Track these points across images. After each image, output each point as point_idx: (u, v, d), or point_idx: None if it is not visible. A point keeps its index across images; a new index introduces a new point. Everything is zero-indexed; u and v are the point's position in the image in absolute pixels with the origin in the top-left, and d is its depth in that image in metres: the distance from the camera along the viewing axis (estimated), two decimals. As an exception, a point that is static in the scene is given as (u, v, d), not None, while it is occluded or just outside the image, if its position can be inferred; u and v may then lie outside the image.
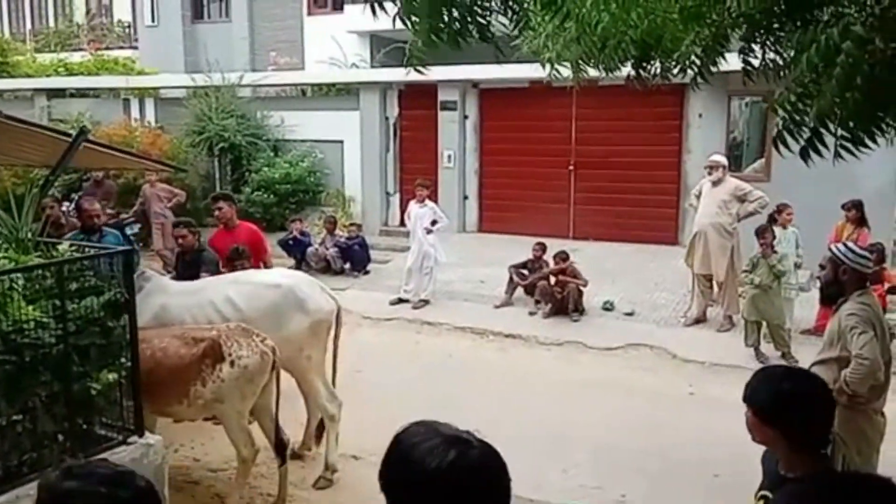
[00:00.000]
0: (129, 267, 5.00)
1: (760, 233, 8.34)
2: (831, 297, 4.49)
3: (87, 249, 5.26)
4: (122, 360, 4.88)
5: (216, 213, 7.62)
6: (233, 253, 6.95)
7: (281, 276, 6.27)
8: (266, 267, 7.41)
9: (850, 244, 4.50)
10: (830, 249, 4.50)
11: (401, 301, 10.61)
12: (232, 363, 5.08)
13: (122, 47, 21.25)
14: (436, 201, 11.55)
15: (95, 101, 16.57)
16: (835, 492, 1.61)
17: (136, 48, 20.63)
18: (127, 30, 22.15)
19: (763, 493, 2.55)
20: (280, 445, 5.42)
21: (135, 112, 16.22)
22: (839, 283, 4.34)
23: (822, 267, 4.58)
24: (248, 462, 5.28)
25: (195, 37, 19.25)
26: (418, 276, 10.60)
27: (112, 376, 4.72)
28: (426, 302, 10.53)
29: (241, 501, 5.41)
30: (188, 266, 7.09)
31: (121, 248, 5.45)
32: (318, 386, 5.95)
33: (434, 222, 10.57)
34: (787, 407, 2.37)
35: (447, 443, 1.41)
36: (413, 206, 10.81)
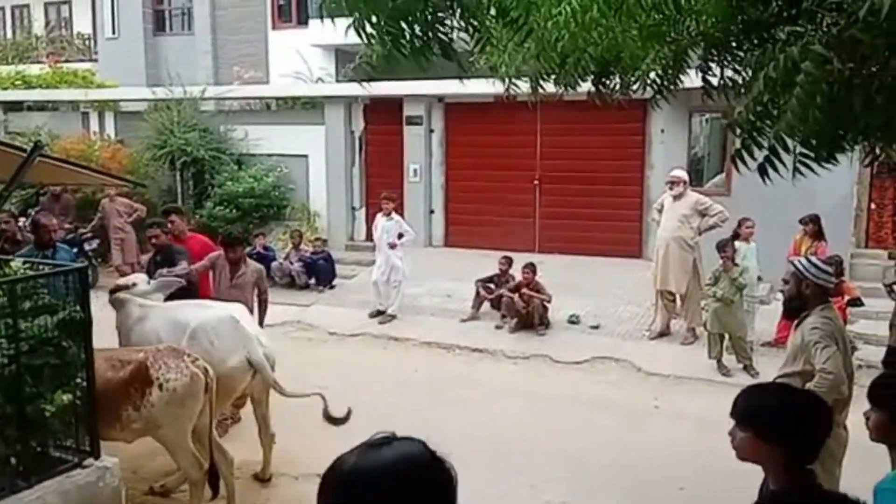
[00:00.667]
0: (84, 285, 4.89)
1: (722, 247, 8.44)
2: (794, 311, 4.53)
3: (41, 267, 5.14)
4: (78, 380, 4.77)
5: (169, 226, 7.61)
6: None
7: (199, 315, 5.81)
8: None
9: (813, 259, 4.55)
10: (793, 264, 4.55)
11: (380, 313, 10.52)
12: (160, 386, 4.91)
13: (81, 60, 20.89)
14: (402, 215, 11.53)
15: (54, 115, 16.29)
16: None
17: (95, 61, 20.30)
18: (87, 42, 21.81)
19: None
20: (213, 475, 5.19)
21: (94, 125, 15.96)
22: (802, 297, 4.38)
23: (785, 281, 4.63)
24: (200, 485, 5.14)
25: (157, 50, 19.02)
26: (386, 289, 10.55)
27: (67, 397, 4.60)
28: (393, 317, 10.46)
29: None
30: (160, 265, 7.02)
31: (76, 265, 5.33)
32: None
33: (401, 235, 10.53)
34: (788, 422, 2.36)
35: (419, 444, 1.43)
36: (380, 219, 10.78)
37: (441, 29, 2.50)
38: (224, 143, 14.40)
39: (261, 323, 7.08)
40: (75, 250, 11.38)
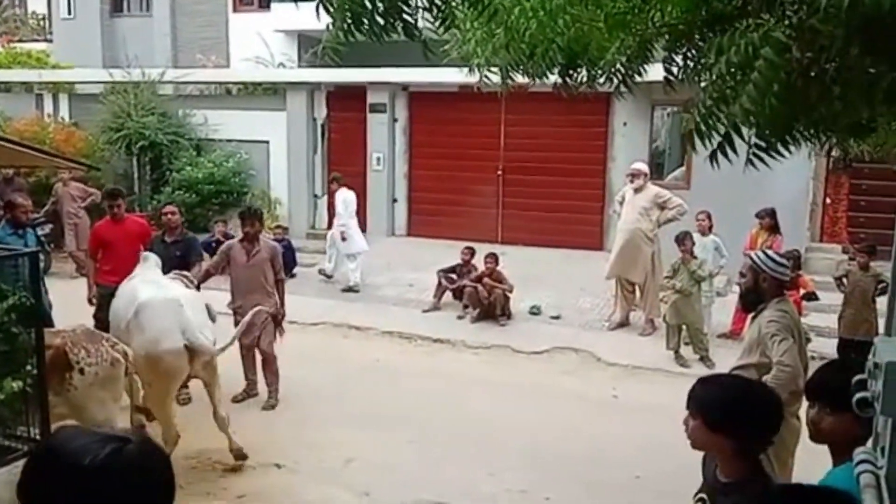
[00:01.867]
0: (35, 270, 4.77)
1: (681, 239, 8.55)
2: (751, 303, 4.60)
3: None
4: (28, 367, 4.65)
5: (116, 208, 7.53)
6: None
7: (148, 294, 5.74)
8: None
9: (770, 252, 4.60)
10: (750, 258, 4.61)
11: (326, 276, 11.44)
12: (81, 371, 4.88)
13: (35, 40, 20.35)
14: (364, 204, 11.72)
15: (6, 96, 15.84)
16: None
17: (50, 41, 19.77)
18: (42, 22, 21.23)
19: (700, 495, 2.57)
20: None
21: (48, 107, 15.57)
22: (759, 290, 4.44)
23: (742, 274, 4.69)
24: None
25: (114, 31, 18.55)
26: (339, 259, 11.40)
27: (16, 385, 4.49)
28: (355, 289, 10.97)
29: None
30: (169, 248, 7.04)
31: (26, 250, 5.20)
32: (155, 410, 5.63)
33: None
34: (735, 413, 2.39)
35: (102, 440, 1.35)
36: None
37: (404, 8, 2.47)
38: (183, 128, 14.16)
39: (282, 305, 7.18)
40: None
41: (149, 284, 5.92)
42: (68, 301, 7.32)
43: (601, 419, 7.11)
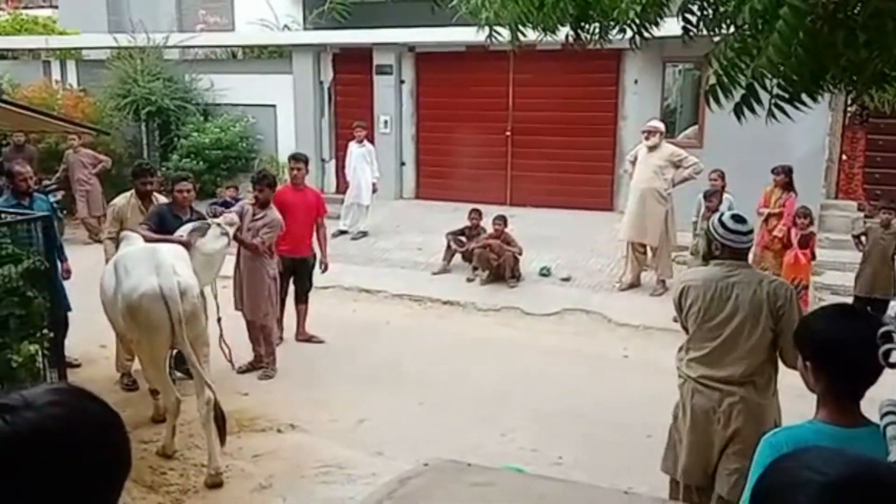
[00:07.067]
0: (49, 234, 4.78)
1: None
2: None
3: (3, 216, 5.01)
4: (45, 331, 4.69)
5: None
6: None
7: (123, 249, 5.71)
8: None
9: (725, 218, 4.31)
10: (709, 221, 4.48)
11: (342, 233, 11.75)
12: None
13: (41, 6, 20.22)
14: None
15: (14, 63, 15.79)
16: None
17: (56, 7, 19.61)
18: (46, -13, 21.03)
19: None
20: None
21: (56, 74, 15.51)
22: (714, 257, 4.41)
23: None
24: None
25: (118, -5, 18.36)
26: (357, 211, 11.84)
27: (33, 348, 4.54)
28: (365, 233, 11.72)
29: (175, 473, 5.31)
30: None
31: (39, 213, 5.21)
32: (150, 373, 5.58)
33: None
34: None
35: None
36: (352, 146, 11.88)
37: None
38: (189, 93, 14.09)
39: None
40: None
41: (127, 247, 5.83)
42: (82, 268, 7.31)
43: (612, 379, 7.13)
